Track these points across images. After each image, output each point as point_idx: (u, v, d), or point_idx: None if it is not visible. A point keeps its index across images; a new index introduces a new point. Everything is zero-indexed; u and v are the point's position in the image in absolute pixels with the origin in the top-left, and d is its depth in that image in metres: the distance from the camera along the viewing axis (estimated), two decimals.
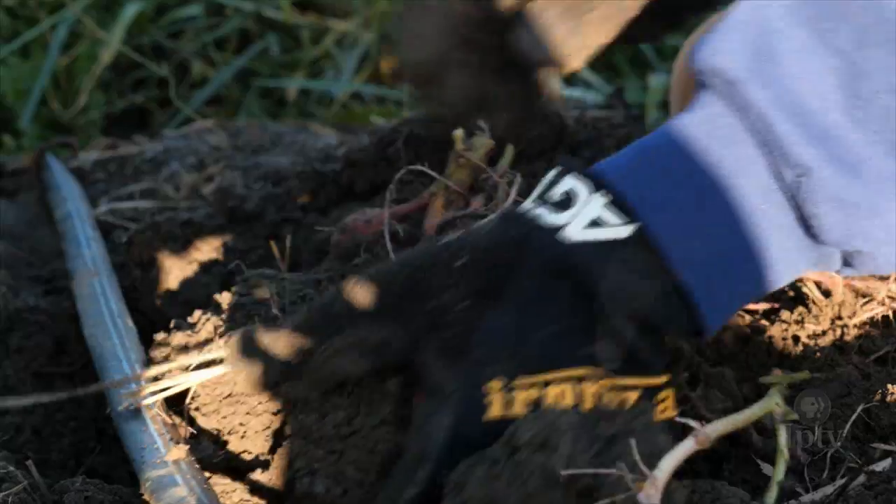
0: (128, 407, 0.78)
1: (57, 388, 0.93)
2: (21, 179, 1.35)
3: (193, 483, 0.71)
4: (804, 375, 0.75)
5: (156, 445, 0.74)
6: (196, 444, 0.76)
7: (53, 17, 1.77)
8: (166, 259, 1.05)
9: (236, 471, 0.76)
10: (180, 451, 0.73)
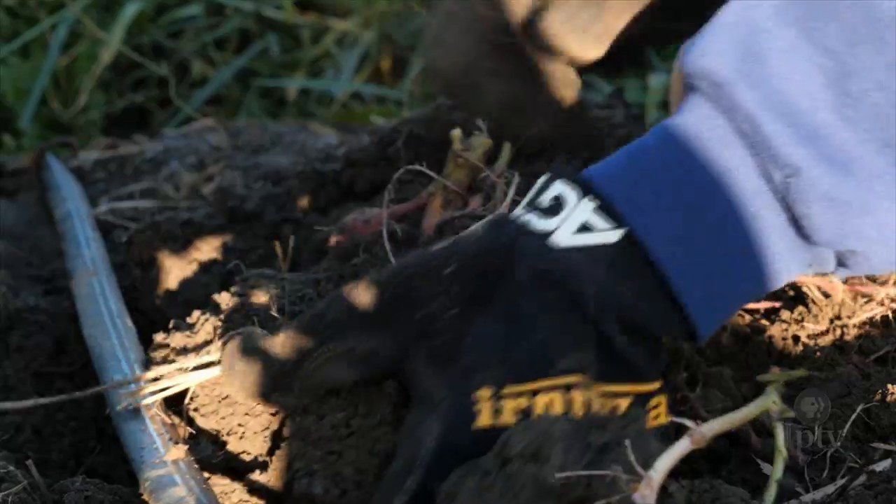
0: (127, 407, 0.78)
1: (57, 388, 0.93)
2: (21, 179, 1.35)
3: (192, 483, 0.71)
4: (801, 373, 0.75)
5: (155, 445, 0.74)
6: (195, 445, 0.76)
7: (53, 17, 1.77)
8: (166, 259, 1.05)
9: (235, 471, 0.76)
10: (179, 452, 0.73)
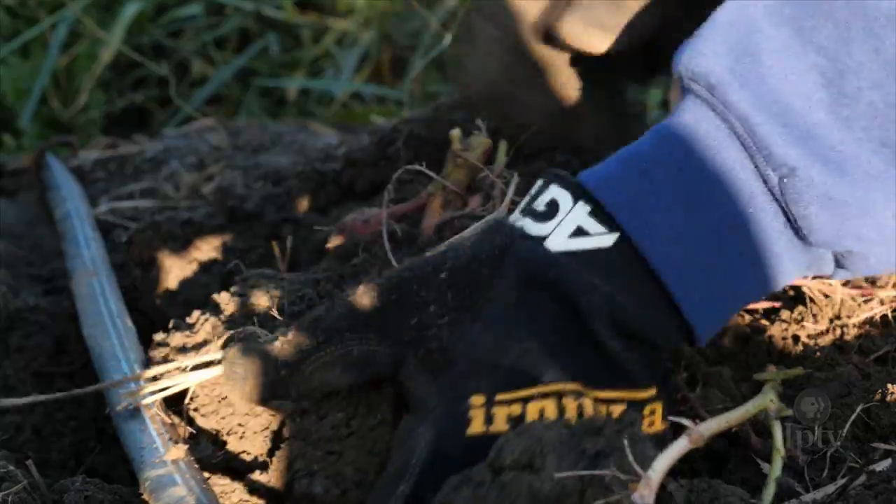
0: (127, 407, 0.78)
1: (57, 388, 0.93)
2: (21, 179, 1.35)
3: (192, 483, 0.71)
4: (798, 371, 0.74)
5: (155, 445, 0.74)
6: (195, 445, 0.76)
7: (53, 17, 1.77)
8: (166, 259, 1.05)
9: (235, 471, 0.76)
10: (179, 451, 0.73)
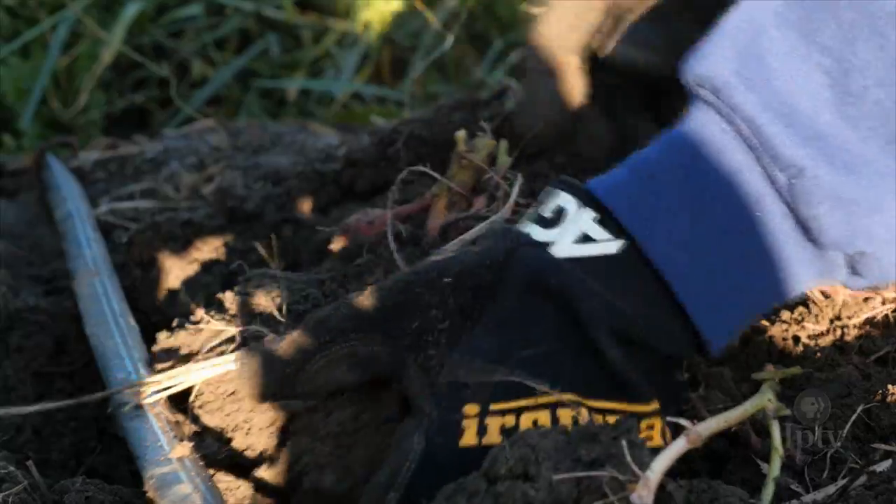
0: (132, 406, 0.77)
1: (57, 388, 0.93)
2: (21, 179, 1.35)
3: (198, 480, 0.71)
4: (796, 370, 0.74)
5: (160, 443, 0.74)
6: (200, 442, 0.76)
7: (54, 17, 1.77)
8: (166, 259, 1.05)
9: (241, 467, 0.76)
10: (184, 449, 0.73)
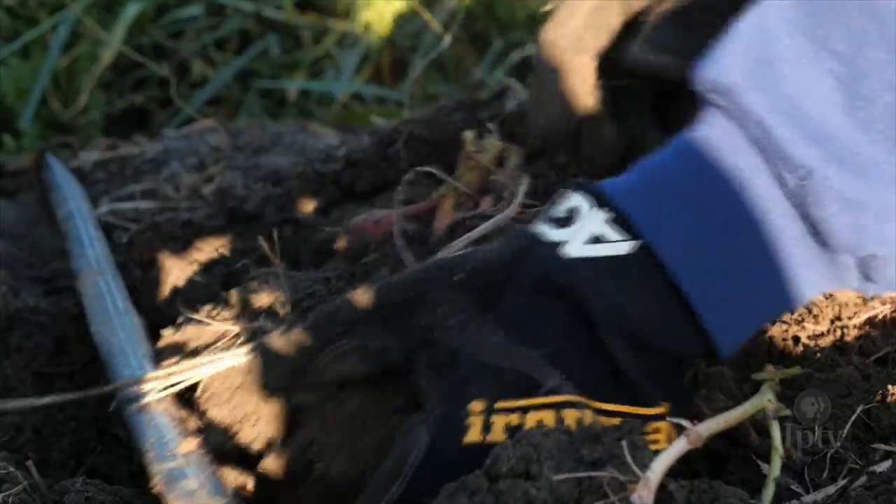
0: (138, 401, 0.77)
1: (57, 389, 0.93)
2: (21, 179, 1.35)
3: (205, 475, 0.70)
4: (796, 371, 0.74)
5: (166, 438, 0.74)
6: (208, 434, 0.76)
7: (54, 17, 1.77)
8: (166, 259, 1.05)
9: (249, 459, 0.75)
10: (191, 444, 0.73)
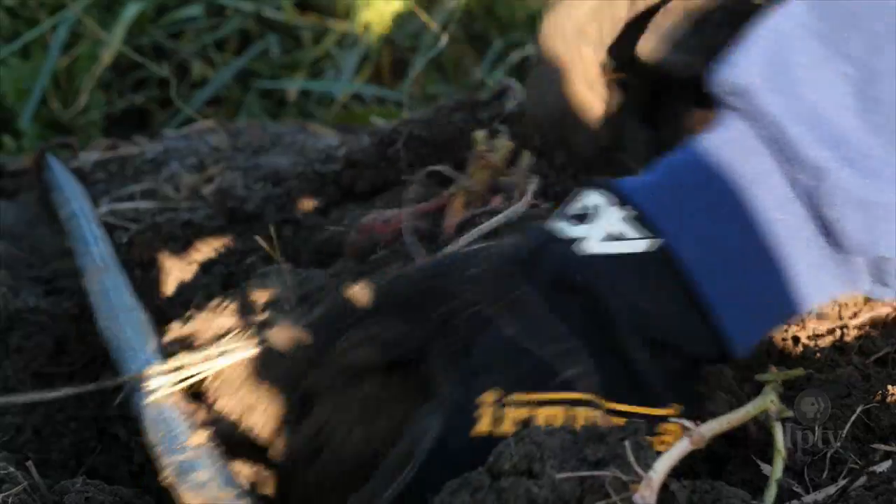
0: (148, 394, 0.77)
1: (57, 388, 0.93)
2: (21, 180, 1.35)
3: (216, 466, 0.70)
4: (799, 372, 0.74)
5: (176, 431, 0.73)
6: (217, 423, 0.75)
7: (54, 18, 1.77)
8: (166, 260, 1.05)
9: (260, 446, 0.75)
10: (202, 436, 0.72)
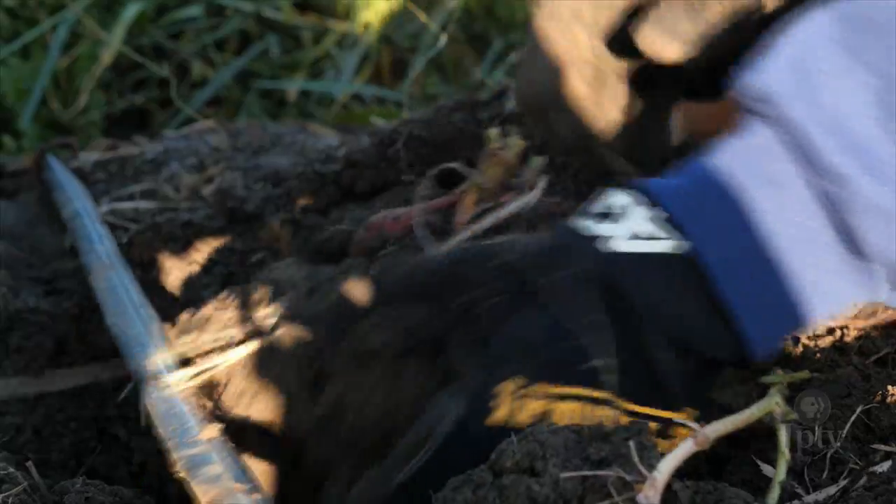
0: (158, 388, 0.76)
1: (57, 389, 0.93)
2: (21, 180, 1.35)
3: (229, 460, 0.69)
4: (804, 375, 0.74)
5: (188, 425, 0.73)
6: (229, 417, 0.75)
7: (54, 18, 1.77)
8: (166, 260, 1.05)
9: (270, 432, 0.75)
10: (214, 430, 0.72)
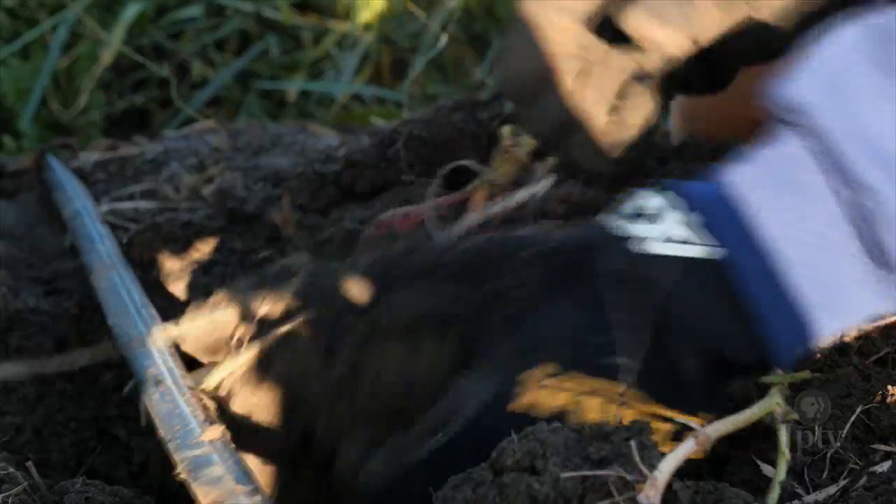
0: (161, 388, 0.76)
1: (57, 389, 0.93)
2: (21, 180, 1.35)
3: (231, 461, 0.69)
4: (805, 375, 0.74)
5: (191, 426, 0.73)
6: (232, 416, 0.75)
7: (54, 18, 1.77)
8: (166, 260, 1.05)
9: (280, 415, 0.74)
10: (216, 432, 0.72)
